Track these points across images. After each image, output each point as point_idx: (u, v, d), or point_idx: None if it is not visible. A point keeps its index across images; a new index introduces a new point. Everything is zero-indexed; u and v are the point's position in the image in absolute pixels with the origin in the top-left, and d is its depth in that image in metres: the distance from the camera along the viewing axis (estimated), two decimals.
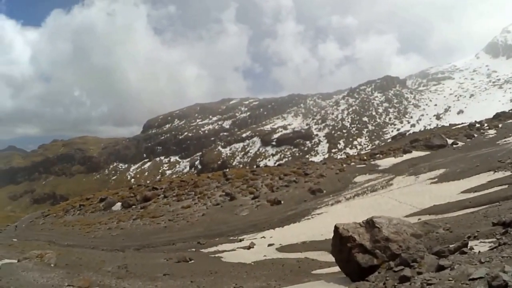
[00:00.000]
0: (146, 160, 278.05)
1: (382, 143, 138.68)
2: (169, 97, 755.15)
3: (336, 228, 10.50)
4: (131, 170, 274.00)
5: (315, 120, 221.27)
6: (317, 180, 44.52)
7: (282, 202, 38.75)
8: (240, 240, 27.61)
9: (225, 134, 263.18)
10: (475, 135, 56.55)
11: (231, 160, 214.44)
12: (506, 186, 23.85)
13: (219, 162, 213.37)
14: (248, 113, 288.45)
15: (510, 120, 64.31)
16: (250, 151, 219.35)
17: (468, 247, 8.38)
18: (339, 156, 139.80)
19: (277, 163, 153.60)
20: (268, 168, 58.96)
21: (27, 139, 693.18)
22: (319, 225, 26.76)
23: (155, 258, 22.62)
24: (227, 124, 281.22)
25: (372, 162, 51.67)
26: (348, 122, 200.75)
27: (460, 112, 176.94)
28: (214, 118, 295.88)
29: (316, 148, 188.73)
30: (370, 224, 9.89)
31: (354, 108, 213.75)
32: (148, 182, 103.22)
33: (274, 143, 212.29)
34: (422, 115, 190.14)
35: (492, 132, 57.16)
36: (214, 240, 29.21)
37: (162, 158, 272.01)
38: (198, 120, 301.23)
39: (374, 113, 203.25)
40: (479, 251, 7.98)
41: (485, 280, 5.44)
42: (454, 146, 51.22)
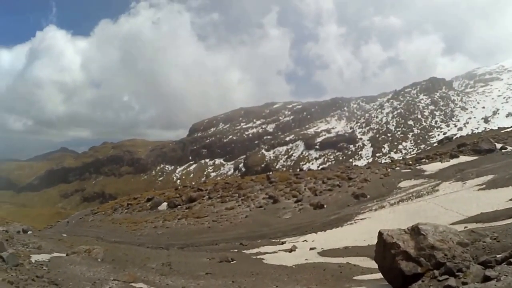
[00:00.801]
0: (191, 162, 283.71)
1: (428, 148, 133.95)
2: (213, 101, 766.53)
3: (380, 234, 10.36)
4: (177, 171, 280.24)
5: (359, 124, 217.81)
6: (361, 185, 43.77)
7: (325, 206, 38.38)
8: (282, 243, 27.54)
9: (268, 137, 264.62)
10: None
11: (275, 163, 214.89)
12: None
13: (262, 165, 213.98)
14: (291, 116, 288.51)
15: None
16: (294, 154, 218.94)
17: None
18: (383, 161, 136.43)
19: (320, 167, 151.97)
20: (312, 172, 58.48)
21: (79, 141, 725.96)
22: (362, 230, 26.27)
23: (198, 257, 22.94)
24: (270, 127, 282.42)
25: (418, 167, 50.23)
26: (393, 125, 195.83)
27: (509, 114, 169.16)
28: (258, 122, 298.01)
29: (360, 152, 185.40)
30: (415, 231, 9.69)
31: (399, 111, 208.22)
32: (193, 183, 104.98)
33: (317, 146, 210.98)
34: (470, 118, 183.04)
35: None
36: (256, 242, 29.30)
37: (207, 160, 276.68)
38: (242, 124, 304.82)
39: (419, 116, 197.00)
40: None
41: None
42: (503, 150, 48.90)
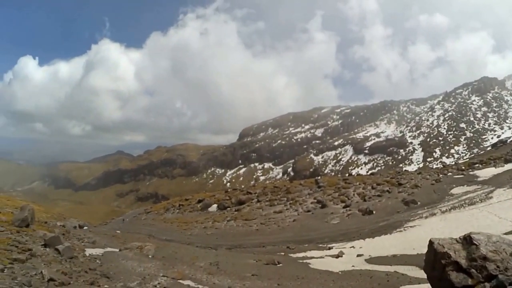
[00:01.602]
0: (241, 166, 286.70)
1: (482, 152, 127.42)
2: (261, 106, 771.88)
3: (431, 243, 10.04)
4: (227, 175, 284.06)
5: (409, 127, 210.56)
6: (411, 191, 42.50)
7: (374, 212, 37.53)
8: (329, 248, 27.24)
9: (317, 142, 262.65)
10: None
11: (323, 168, 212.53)
12: None
13: (311, 170, 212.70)
14: (340, 121, 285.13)
15: None
16: (342, 159, 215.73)
17: None
18: (435, 166, 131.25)
19: (369, 171, 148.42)
20: (361, 177, 57.51)
21: (134, 145, 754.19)
22: (412, 238, 25.46)
23: (245, 258, 23.12)
24: (319, 132, 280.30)
25: (471, 173, 48.27)
26: (444, 128, 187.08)
27: None
28: (307, 127, 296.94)
29: (410, 157, 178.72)
30: (467, 241, 9.32)
31: (450, 113, 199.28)
32: (242, 186, 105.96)
33: (366, 151, 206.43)
34: None
35: None
36: (303, 246, 29.15)
37: (256, 164, 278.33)
38: (291, 129, 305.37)
39: (472, 118, 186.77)
40: None
41: None
42: None
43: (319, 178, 60.57)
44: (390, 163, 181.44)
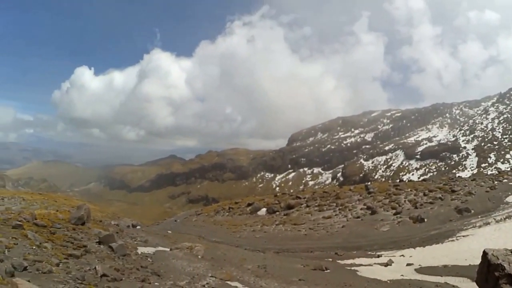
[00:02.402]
0: (290, 170, 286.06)
1: None
2: (310, 110, 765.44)
3: (484, 254, 9.71)
4: (276, 179, 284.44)
5: (462, 131, 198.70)
6: (464, 198, 40.67)
7: (426, 220, 36.23)
8: (378, 256, 26.65)
9: (367, 147, 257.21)
10: None
11: (373, 173, 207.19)
12: None
13: (361, 175, 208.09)
14: (390, 125, 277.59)
15: None
16: (393, 164, 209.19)
17: None
18: (489, 172, 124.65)
19: (421, 177, 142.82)
20: (412, 183, 55.63)
21: (186, 149, 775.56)
22: (464, 248, 24.40)
23: (292, 262, 23.09)
24: (369, 136, 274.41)
25: None
26: (499, 132, 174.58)
27: None
28: (356, 131, 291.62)
29: (464, 162, 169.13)
30: None
31: (505, 116, 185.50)
32: (291, 191, 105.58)
33: (418, 156, 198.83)
34: None
35: None
36: (352, 253, 28.68)
37: (306, 169, 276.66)
38: (340, 133, 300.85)
39: None
40: None
41: None
42: None
43: (369, 183, 59.36)
44: (443, 168, 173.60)
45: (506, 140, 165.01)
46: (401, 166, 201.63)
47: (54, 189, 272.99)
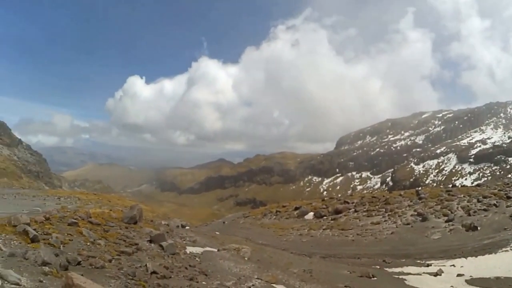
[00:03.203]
0: (338, 174, 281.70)
1: None
2: (357, 112, 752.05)
3: None
4: (324, 183, 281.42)
5: None
6: None
7: (479, 228, 34.60)
8: (428, 265, 25.72)
9: (417, 150, 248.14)
10: None
11: (424, 178, 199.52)
12: None
13: (411, 180, 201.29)
14: (442, 126, 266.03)
15: None
16: (445, 168, 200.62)
17: None
18: None
19: (475, 182, 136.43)
20: (465, 188, 53.23)
21: (234, 153, 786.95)
22: None
23: (338, 268, 22.87)
24: (419, 139, 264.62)
25: None
26: None
27: None
28: (406, 134, 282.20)
29: None
30: None
31: None
32: (339, 195, 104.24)
33: (471, 159, 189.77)
34: None
35: None
36: (400, 261, 27.88)
37: (354, 173, 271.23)
38: (389, 136, 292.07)
39: None
40: None
41: None
42: None
43: (420, 189, 57.61)
44: (498, 173, 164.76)
45: None
46: (453, 170, 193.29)
47: (108, 190, 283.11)
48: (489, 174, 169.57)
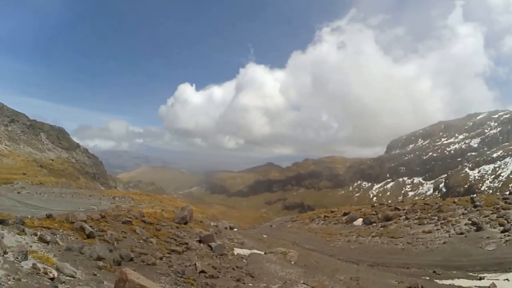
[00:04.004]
0: (389, 180, 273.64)
1: None
2: (408, 114, 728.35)
3: None
4: (373, 189, 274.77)
5: None
6: None
7: None
8: (480, 278, 24.55)
9: (472, 154, 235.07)
10: None
11: (480, 184, 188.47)
12: None
13: (465, 186, 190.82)
14: (498, 128, 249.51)
15: None
16: (502, 174, 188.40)
17: None
18: None
19: None
20: None
21: (283, 157, 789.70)
22: None
23: (386, 277, 22.42)
24: (475, 142, 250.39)
25: None
26: None
27: None
28: (461, 137, 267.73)
29: None
30: None
31: None
32: (389, 201, 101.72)
33: None
34: None
35: None
36: (451, 273, 26.81)
37: (405, 179, 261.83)
38: (443, 139, 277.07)
39: None
40: None
41: None
42: None
43: (475, 196, 55.23)
44: None
45: None
46: (511, 176, 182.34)
47: (160, 191, 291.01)
48: None
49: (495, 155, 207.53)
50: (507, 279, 23.48)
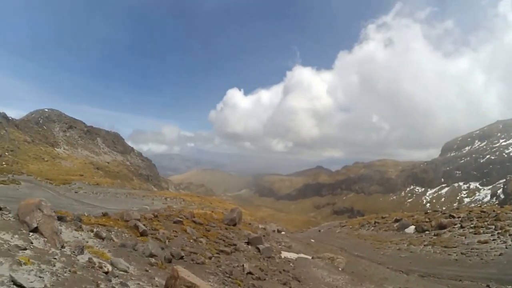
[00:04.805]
0: (443, 185, 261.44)
1: None
2: (462, 112, 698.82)
3: None
4: (427, 194, 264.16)
5: None
6: None
7: None
8: None
9: None
10: None
11: None
12: None
13: None
14: None
15: None
16: None
17: None
18: None
19: None
20: None
21: (332, 160, 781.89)
22: None
23: None
24: None
25: None
26: None
27: None
28: None
29: None
30: None
31: None
32: (443, 208, 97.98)
33: None
34: None
35: None
36: (506, 287, 25.67)
37: (461, 184, 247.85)
38: (501, 141, 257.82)
39: None
40: None
41: None
42: None
43: None
44: None
45: None
46: None
47: (210, 193, 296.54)
48: None
49: None
50: None
